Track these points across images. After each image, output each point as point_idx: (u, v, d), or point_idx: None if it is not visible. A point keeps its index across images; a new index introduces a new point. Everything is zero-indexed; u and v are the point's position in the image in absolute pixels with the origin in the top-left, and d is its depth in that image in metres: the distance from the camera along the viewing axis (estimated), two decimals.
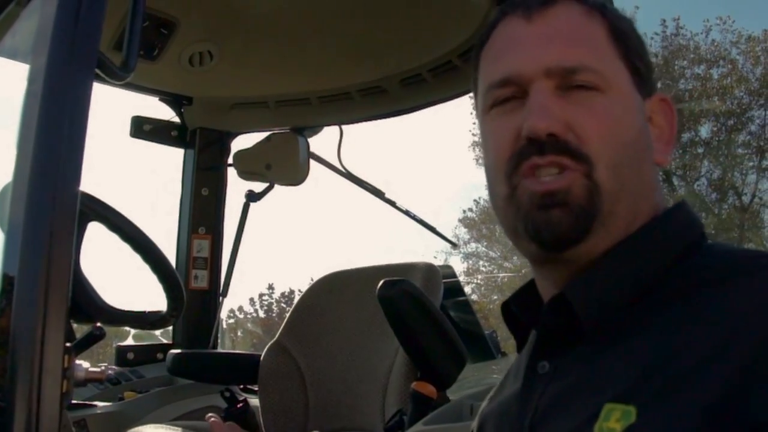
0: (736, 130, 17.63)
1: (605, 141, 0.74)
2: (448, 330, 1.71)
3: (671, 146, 0.80)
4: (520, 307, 0.84)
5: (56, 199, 1.00)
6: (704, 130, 17.62)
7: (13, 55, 1.32)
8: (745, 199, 17.70)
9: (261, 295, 24.54)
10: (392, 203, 2.77)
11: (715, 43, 17.33)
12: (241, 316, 23.84)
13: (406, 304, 1.67)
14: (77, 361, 1.22)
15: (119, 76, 1.15)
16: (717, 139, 17.77)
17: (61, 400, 0.95)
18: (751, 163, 18.07)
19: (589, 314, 0.73)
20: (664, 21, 17.75)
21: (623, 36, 0.79)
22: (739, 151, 17.70)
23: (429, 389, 1.66)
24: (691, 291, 0.69)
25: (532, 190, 0.74)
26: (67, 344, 1.01)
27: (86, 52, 1.08)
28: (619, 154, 0.74)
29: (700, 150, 17.46)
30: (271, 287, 24.55)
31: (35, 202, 1.00)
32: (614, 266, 0.74)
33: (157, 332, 3.13)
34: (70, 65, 1.06)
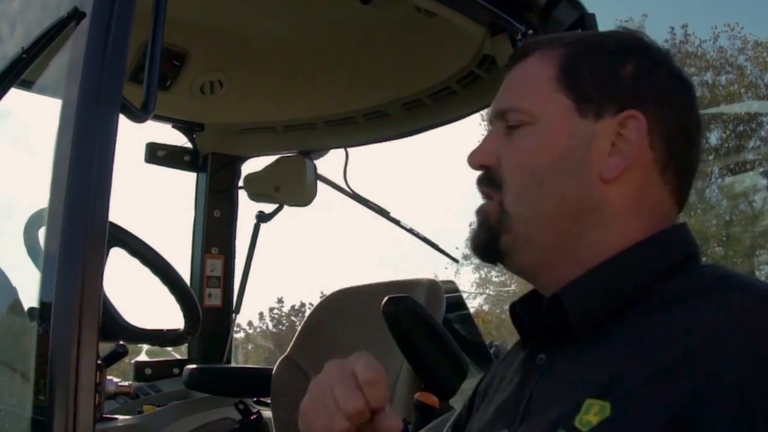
0: (746, 136, 17.58)
1: (514, 170, 0.89)
2: (450, 344, 1.78)
3: (631, 160, 0.85)
4: (524, 308, 0.95)
5: (87, 229, 1.08)
6: (713, 137, 17.59)
7: (49, 93, 1.40)
8: (756, 205, 17.62)
9: (271, 309, 24.45)
10: (397, 222, 2.85)
11: (722, 50, 17.33)
12: (251, 330, 23.76)
13: (409, 320, 1.75)
14: (108, 377, 1.33)
15: (140, 117, 1.21)
16: (727, 145, 17.72)
17: (94, 412, 1.05)
18: (761, 169, 18.00)
19: (578, 316, 0.83)
20: (673, 28, 17.83)
21: (573, 70, 0.88)
22: (750, 156, 17.65)
23: (431, 399, 1.73)
24: (664, 306, 0.78)
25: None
26: (99, 361, 1.12)
27: (111, 96, 1.16)
28: (525, 181, 0.88)
29: (710, 157, 17.40)
30: (280, 301, 24.46)
31: (68, 232, 1.09)
32: (603, 277, 0.85)
33: (169, 348, 3.22)
34: (97, 106, 1.14)
